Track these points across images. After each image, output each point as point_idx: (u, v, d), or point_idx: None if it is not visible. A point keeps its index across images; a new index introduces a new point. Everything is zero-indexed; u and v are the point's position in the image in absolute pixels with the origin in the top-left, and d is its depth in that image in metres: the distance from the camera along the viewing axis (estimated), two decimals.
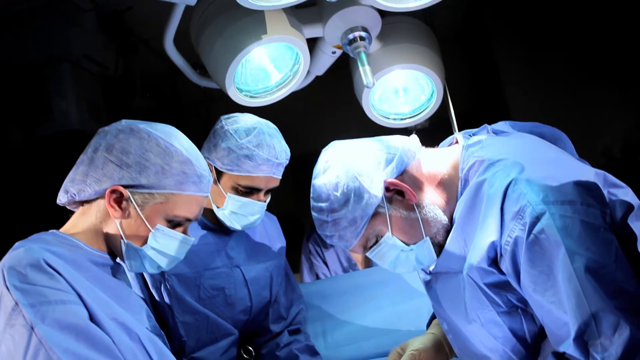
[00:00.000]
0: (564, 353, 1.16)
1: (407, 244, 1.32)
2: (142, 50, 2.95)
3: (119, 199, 1.20)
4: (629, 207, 1.16)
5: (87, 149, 1.24)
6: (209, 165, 1.70)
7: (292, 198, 3.87)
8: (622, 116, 3.28)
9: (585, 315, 1.08)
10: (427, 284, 1.44)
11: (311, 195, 1.36)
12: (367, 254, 1.38)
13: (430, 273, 1.41)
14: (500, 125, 1.41)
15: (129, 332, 1.14)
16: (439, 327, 1.53)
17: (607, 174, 1.22)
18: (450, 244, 1.30)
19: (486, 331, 1.26)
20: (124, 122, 1.26)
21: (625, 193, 1.20)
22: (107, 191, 1.19)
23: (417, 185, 1.32)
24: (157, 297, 1.66)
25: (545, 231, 1.10)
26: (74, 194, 1.23)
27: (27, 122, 2.67)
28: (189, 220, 1.27)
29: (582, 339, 1.09)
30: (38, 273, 1.05)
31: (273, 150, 1.68)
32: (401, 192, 1.30)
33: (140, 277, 1.66)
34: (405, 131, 1.58)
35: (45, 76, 2.65)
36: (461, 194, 1.29)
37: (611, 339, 1.07)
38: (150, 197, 1.21)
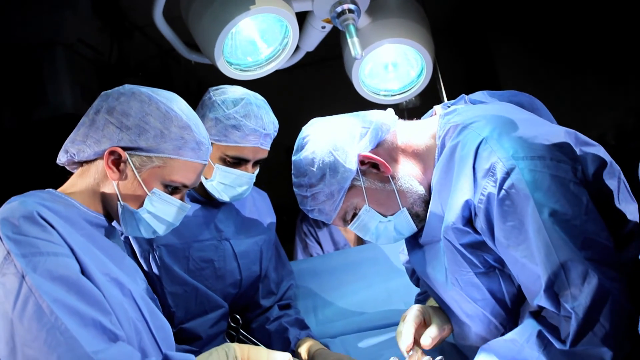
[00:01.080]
0: (539, 310, 1.17)
1: (385, 216, 1.36)
2: (138, 37, 2.96)
3: (117, 161, 1.21)
4: (601, 163, 1.18)
5: (89, 111, 1.25)
6: None
7: (286, 187, 3.89)
8: (616, 104, 3.29)
9: (555, 265, 1.09)
10: (412, 258, 1.45)
11: (292, 171, 1.41)
12: (349, 227, 1.41)
13: (416, 245, 1.43)
14: (478, 95, 1.44)
15: (122, 288, 1.15)
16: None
17: (579, 133, 1.24)
18: (431, 213, 1.32)
19: (465, 294, 1.27)
20: (127, 86, 1.27)
21: (597, 150, 1.21)
22: (106, 152, 1.20)
23: (392, 157, 1.35)
24: (145, 268, 1.66)
25: (515, 186, 1.12)
26: (74, 154, 1.24)
27: (21, 106, 2.68)
28: (185, 186, 1.28)
29: (553, 290, 1.11)
30: (31, 225, 1.05)
31: (260, 121, 1.69)
32: (376, 164, 1.34)
33: (129, 247, 1.66)
34: (397, 111, 1.59)
35: (39, 60, 2.65)
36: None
37: (580, 289, 1.08)
38: (148, 160, 1.21)
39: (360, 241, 2.71)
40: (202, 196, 1.80)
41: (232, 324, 1.79)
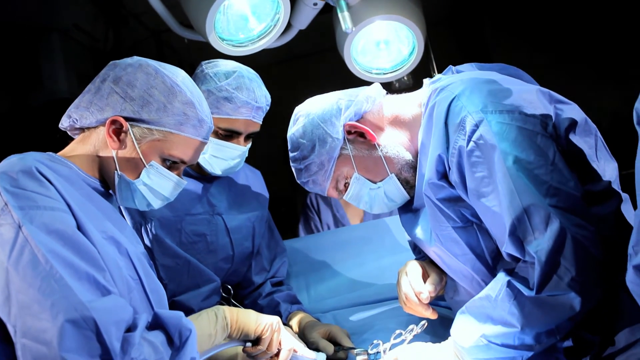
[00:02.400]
0: (514, 268, 1.19)
1: (374, 182, 1.42)
2: (133, 24, 2.97)
3: (118, 130, 1.21)
4: (573, 121, 1.21)
5: (95, 79, 1.26)
6: None
7: (285, 179, 3.90)
8: (611, 93, 3.31)
9: (518, 210, 1.12)
10: (403, 221, 1.50)
11: (288, 147, 1.49)
12: (345, 197, 1.48)
13: (409, 211, 1.46)
14: (465, 66, 1.49)
15: (118, 247, 1.15)
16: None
17: (552, 92, 1.28)
18: (419, 177, 1.37)
19: (447, 250, 1.30)
20: (135, 57, 1.28)
21: (572, 108, 1.25)
22: (108, 121, 1.20)
23: (378, 126, 1.43)
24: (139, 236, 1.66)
25: (483, 137, 1.17)
26: (76, 120, 1.24)
27: (16, 90, 2.69)
28: (184, 162, 1.28)
29: (516, 235, 1.14)
30: (29, 179, 1.05)
31: (252, 94, 1.69)
32: (362, 133, 1.41)
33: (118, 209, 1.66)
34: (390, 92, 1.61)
35: (34, 45, 2.67)
36: None
37: (543, 233, 1.11)
38: (148, 132, 1.22)
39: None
40: (195, 171, 1.81)
41: (223, 295, 1.79)
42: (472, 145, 1.18)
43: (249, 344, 1.23)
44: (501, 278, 1.20)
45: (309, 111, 1.46)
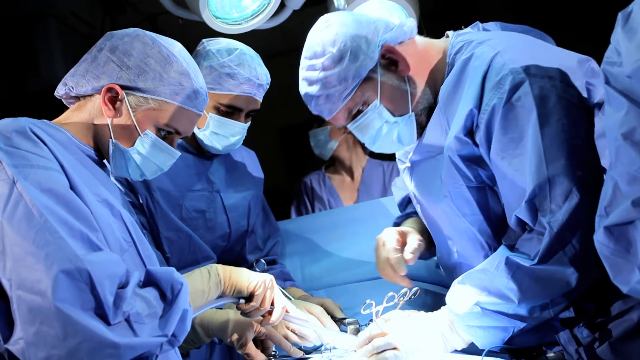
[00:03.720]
0: (514, 244, 1.20)
1: (393, 115, 1.34)
2: (130, 12, 2.99)
3: (113, 98, 1.22)
4: (601, 101, 1.19)
5: (92, 48, 1.27)
6: None
7: (281, 171, 3.91)
8: None
9: (542, 178, 1.12)
10: (409, 172, 1.48)
11: (304, 53, 1.37)
12: (349, 126, 1.39)
13: (411, 161, 1.45)
14: (491, 25, 1.45)
15: (112, 209, 1.15)
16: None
17: (595, 64, 1.25)
18: (431, 126, 1.33)
19: (456, 208, 1.30)
20: (132, 28, 1.29)
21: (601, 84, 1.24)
22: (104, 88, 1.21)
23: (411, 59, 1.34)
24: (146, 210, 1.69)
25: (522, 99, 1.15)
26: (72, 87, 1.25)
27: (13, 77, 2.70)
28: (178, 133, 1.29)
29: (534, 202, 1.13)
30: (23, 139, 1.06)
31: (254, 71, 1.71)
32: (395, 62, 1.33)
33: (127, 183, 1.68)
34: None
35: (31, 31, 2.68)
36: (445, 80, 1.32)
37: (560, 205, 1.11)
38: (144, 101, 1.23)
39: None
40: (194, 148, 1.83)
41: None
42: (509, 106, 1.16)
43: (242, 301, 1.25)
44: (500, 254, 1.21)
45: (345, 21, 1.33)
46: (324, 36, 1.32)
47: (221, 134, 1.74)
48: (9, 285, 0.96)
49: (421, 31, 2.14)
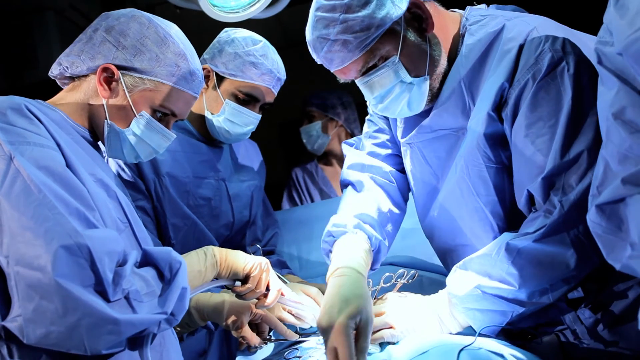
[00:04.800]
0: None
1: (410, 74, 1.27)
2: (128, 5, 2.99)
3: (109, 79, 1.22)
4: None
5: (87, 29, 1.26)
6: (210, 70, 1.74)
7: (279, 165, 3.91)
8: None
9: (566, 157, 1.12)
10: (411, 151, 1.44)
11: None
12: (359, 80, 1.30)
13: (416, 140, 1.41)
14: (508, 8, 1.43)
15: (107, 190, 1.15)
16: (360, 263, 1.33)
17: None
18: (451, 101, 1.30)
19: (472, 187, 1.28)
20: (128, 9, 1.28)
21: None
22: (99, 68, 1.21)
23: (434, 20, 1.28)
24: (153, 198, 1.70)
25: (559, 77, 1.14)
26: (66, 67, 1.24)
27: (12, 69, 2.70)
28: (174, 115, 1.29)
29: (551, 180, 1.13)
30: (19, 116, 1.05)
31: (276, 64, 1.75)
32: (420, 18, 1.26)
33: (136, 168, 1.68)
34: None
35: (30, 24, 2.68)
36: (459, 51, 1.30)
37: (574, 186, 1.11)
38: (140, 81, 1.22)
39: None
40: (202, 136, 1.84)
41: None
42: (544, 83, 1.15)
43: (237, 283, 1.25)
44: (501, 239, 1.21)
45: None
46: None
47: (235, 122, 1.75)
48: (5, 262, 0.94)
49: None
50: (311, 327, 1.44)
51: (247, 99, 1.74)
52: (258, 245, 1.87)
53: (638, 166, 0.82)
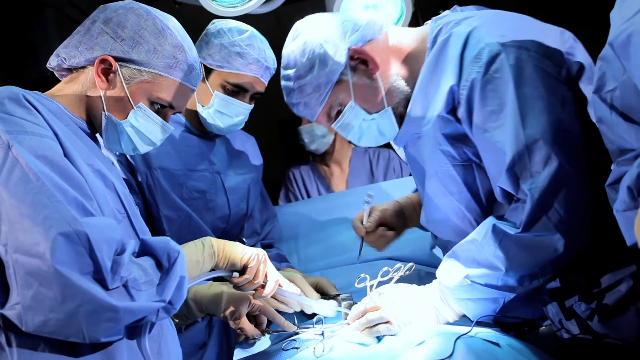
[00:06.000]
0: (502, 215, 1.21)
1: (369, 113, 1.37)
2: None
3: (107, 70, 1.22)
4: (580, 67, 1.22)
5: (85, 21, 1.26)
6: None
7: (279, 164, 3.91)
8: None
9: (520, 145, 1.13)
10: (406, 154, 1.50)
11: (281, 64, 1.42)
12: (333, 126, 1.43)
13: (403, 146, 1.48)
14: (470, 7, 1.47)
15: (105, 180, 1.15)
16: (406, 198, 1.65)
17: (571, 33, 1.28)
18: (412, 109, 1.35)
19: (443, 186, 1.31)
20: (126, 0, 1.28)
21: (581, 50, 1.25)
22: (97, 60, 1.20)
23: (381, 56, 1.37)
24: (145, 192, 1.70)
25: (499, 70, 1.17)
26: (64, 59, 1.24)
27: (11, 66, 2.71)
28: (171, 107, 1.29)
29: (514, 170, 1.15)
30: (17, 106, 1.05)
31: (263, 53, 1.74)
32: (365, 61, 1.35)
33: (127, 163, 1.69)
34: None
35: (29, 21, 2.69)
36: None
37: (540, 171, 1.12)
38: (138, 73, 1.22)
39: None
40: (196, 128, 1.84)
41: None
42: (487, 77, 1.18)
43: (235, 274, 1.25)
44: (487, 222, 1.22)
45: (311, 29, 1.37)
46: (294, 46, 1.38)
47: (225, 113, 1.75)
48: (4, 250, 0.94)
49: (417, 22, 2.17)
50: (309, 319, 1.45)
51: (235, 90, 1.74)
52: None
53: None
